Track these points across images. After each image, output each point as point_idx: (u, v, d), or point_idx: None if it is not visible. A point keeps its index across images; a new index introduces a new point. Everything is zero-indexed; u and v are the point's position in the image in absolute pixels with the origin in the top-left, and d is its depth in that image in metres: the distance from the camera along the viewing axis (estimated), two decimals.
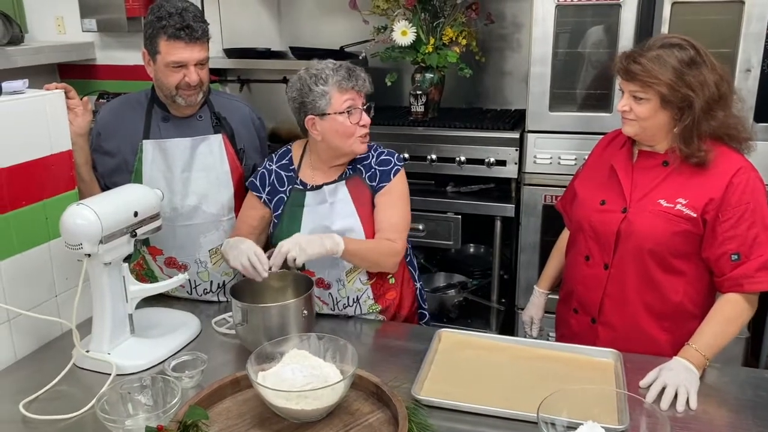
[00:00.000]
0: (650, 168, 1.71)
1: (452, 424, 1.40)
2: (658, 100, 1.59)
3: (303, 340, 1.50)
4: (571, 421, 1.27)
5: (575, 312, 1.86)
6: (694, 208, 1.62)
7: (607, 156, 1.82)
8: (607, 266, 1.75)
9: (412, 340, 1.80)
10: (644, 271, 1.69)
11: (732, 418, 1.44)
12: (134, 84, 3.72)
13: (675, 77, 1.56)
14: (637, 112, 1.62)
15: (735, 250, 1.60)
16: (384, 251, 1.83)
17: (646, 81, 1.57)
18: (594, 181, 1.82)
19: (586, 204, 1.80)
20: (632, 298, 1.73)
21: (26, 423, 1.43)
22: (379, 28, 2.94)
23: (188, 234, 1.98)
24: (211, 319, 1.86)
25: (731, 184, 1.60)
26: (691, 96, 1.56)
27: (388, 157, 1.90)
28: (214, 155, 1.98)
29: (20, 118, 1.65)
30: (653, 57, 1.57)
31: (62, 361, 1.62)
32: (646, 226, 1.66)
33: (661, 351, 1.69)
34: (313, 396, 1.33)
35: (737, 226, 1.59)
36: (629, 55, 1.62)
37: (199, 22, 1.85)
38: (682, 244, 1.65)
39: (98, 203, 1.56)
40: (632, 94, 1.62)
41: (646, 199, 1.68)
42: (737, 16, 2.26)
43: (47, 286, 1.75)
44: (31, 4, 3.85)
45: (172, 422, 1.30)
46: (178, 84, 1.87)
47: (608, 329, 1.78)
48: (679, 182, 1.66)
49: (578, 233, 1.83)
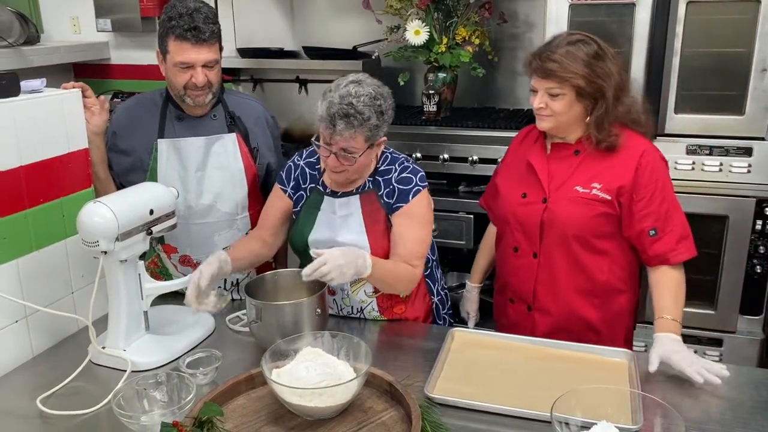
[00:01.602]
0: (564, 158, 1.80)
1: (465, 423, 1.40)
2: (573, 94, 1.69)
3: (317, 338, 1.51)
4: (585, 420, 1.27)
5: (511, 302, 1.94)
6: (608, 190, 1.73)
7: (523, 151, 1.90)
8: (536, 255, 1.83)
9: (424, 339, 1.80)
10: (570, 255, 1.79)
11: (747, 419, 1.42)
12: (148, 83, 3.75)
13: (588, 70, 1.67)
14: (554, 108, 1.71)
15: (651, 226, 1.72)
16: (402, 277, 1.79)
17: (564, 76, 1.67)
18: (513, 176, 1.90)
19: (509, 198, 1.88)
20: (563, 283, 1.82)
21: (43, 418, 1.44)
22: (392, 28, 2.95)
23: (202, 232, 1.99)
24: (225, 316, 1.87)
25: (640, 166, 1.72)
26: (603, 86, 1.68)
27: (409, 176, 1.81)
28: (228, 154, 1.99)
29: (38, 116, 1.67)
30: (564, 53, 1.67)
31: (78, 357, 1.64)
32: (566, 213, 1.76)
33: (594, 328, 1.82)
34: (327, 393, 1.33)
35: (650, 204, 1.72)
36: (540, 54, 1.71)
37: (209, 24, 1.86)
38: (602, 225, 1.75)
39: (115, 201, 1.58)
40: (548, 91, 1.71)
41: (563, 188, 1.78)
42: (753, 15, 2.25)
43: (63, 283, 1.77)
44: (47, 4, 3.89)
45: (188, 418, 1.31)
46: (185, 84, 1.89)
47: (544, 315, 1.86)
48: (591, 168, 1.76)
49: (505, 227, 1.91)
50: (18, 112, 1.61)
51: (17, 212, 1.63)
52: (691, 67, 2.34)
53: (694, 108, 2.39)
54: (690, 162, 2.43)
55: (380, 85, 1.75)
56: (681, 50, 2.34)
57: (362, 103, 1.66)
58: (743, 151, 2.36)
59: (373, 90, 1.70)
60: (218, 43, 1.91)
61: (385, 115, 1.72)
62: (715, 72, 2.34)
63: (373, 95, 1.69)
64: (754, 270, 2.45)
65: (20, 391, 1.54)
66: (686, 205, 2.39)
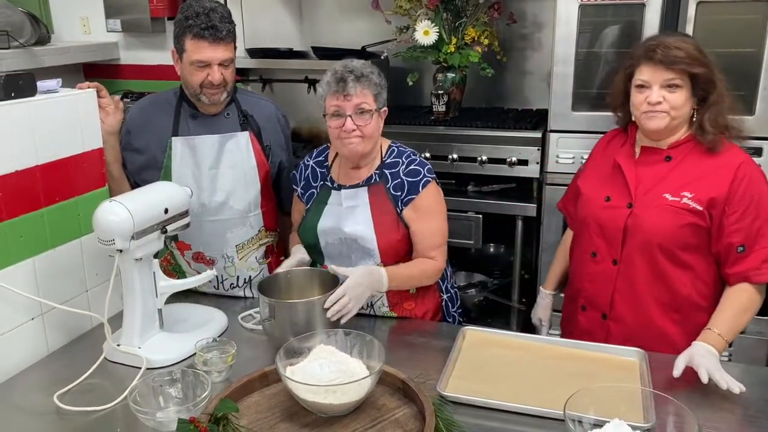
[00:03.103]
0: (653, 163, 1.75)
1: (478, 421, 1.41)
2: (689, 86, 1.66)
3: (330, 336, 1.52)
4: (598, 418, 1.28)
5: (583, 309, 1.88)
6: (699, 201, 1.67)
7: (610, 153, 1.85)
8: (616, 262, 1.77)
9: (436, 338, 1.81)
10: (653, 264, 1.73)
11: (758, 417, 1.43)
12: (158, 84, 3.77)
13: (702, 57, 1.66)
14: (672, 102, 1.66)
15: (741, 242, 1.65)
16: (428, 273, 1.88)
17: (691, 63, 1.64)
18: (597, 178, 1.85)
19: (591, 201, 1.83)
20: (642, 292, 1.76)
21: (60, 414, 1.46)
22: (402, 28, 2.96)
23: (215, 229, 2.01)
24: (238, 315, 1.89)
25: (736, 178, 1.65)
26: (714, 74, 1.66)
27: (417, 168, 1.87)
28: (241, 152, 2.01)
29: (54, 116, 1.69)
30: (683, 43, 1.66)
31: (93, 354, 1.65)
32: (653, 220, 1.70)
33: (673, 343, 1.72)
34: (341, 391, 1.35)
35: (742, 219, 1.64)
36: (664, 46, 1.66)
37: (225, 23, 1.90)
38: (689, 237, 1.69)
39: (130, 200, 1.59)
40: (667, 82, 1.66)
41: (651, 194, 1.72)
42: (763, 15, 2.24)
43: (79, 280, 1.79)
44: (57, 4, 3.91)
45: (203, 414, 1.33)
46: (201, 82, 1.91)
47: (619, 324, 1.81)
48: (683, 176, 1.70)
49: (583, 230, 1.86)
50: (34, 112, 1.63)
51: (33, 211, 1.65)
52: None
53: None
54: None
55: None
56: None
57: (361, 66, 1.81)
58: (753, 151, 2.36)
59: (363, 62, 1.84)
60: (233, 42, 1.94)
61: (383, 81, 1.84)
62: (725, 72, 2.31)
63: (367, 64, 1.83)
64: None
65: (37, 388, 1.56)
66: None
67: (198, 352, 1.58)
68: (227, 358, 1.58)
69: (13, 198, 1.59)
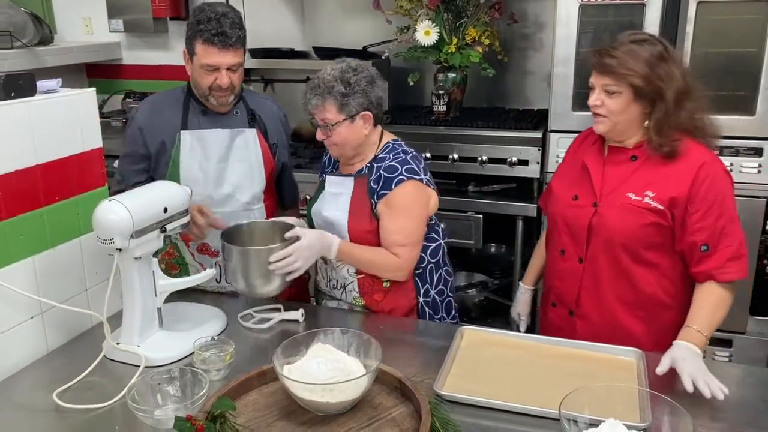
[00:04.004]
0: (620, 163, 1.76)
1: (474, 420, 1.41)
2: (630, 93, 1.65)
3: (328, 334, 1.52)
4: (593, 418, 1.27)
5: (553, 306, 1.91)
6: (661, 200, 1.68)
7: (581, 153, 1.88)
8: (582, 260, 1.80)
9: (434, 337, 1.81)
10: (616, 263, 1.74)
11: (756, 418, 1.43)
12: (160, 84, 3.78)
13: (648, 69, 1.63)
14: (610, 107, 1.68)
15: (704, 241, 1.66)
16: (383, 265, 1.89)
17: (621, 73, 1.63)
18: (567, 177, 1.88)
19: (560, 199, 1.86)
20: (607, 290, 1.78)
21: (59, 411, 1.47)
22: (402, 28, 2.96)
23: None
24: (238, 314, 1.89)
25: (697, 178, 1.66)
26: (662, 88, 1.63)
27: (396, 165, 1.88)
28: (249, 148, 2.09)
29: (54, 116, 1.70)
30: (627, 51, 1.65)
31: (93, 352, 1.66)
32: (615, 219, 1.72)
33: (638, 341, 1.73)
34: (338, 389, 1.35)
35: (705, 217, 1.65)
36: (603, 50, 1.68)
37: (236, 29, 1.95)
38: (652, 236, 1.71)
39: (129, 199, 1.60)
40: (604, 88, 1.68)
41: (615, 193, 1.74)
42: (764, 15, 2.25)
43: (78, 279, 1.80)
44: (60, 5, 3.93)
45: (201, 412, 1.33)
46: (210, 85, 1.97)
47: (586, 321, 1.83)
48: (647, 176, 1.71)
49: (554, 228, 1.89)
50: (34, 111, 1.64)
51: (33, 210, 1.65)
52: (702, 67, 2.34)
53: None
54: None
55: (362, 64, 1.87)
56: (691, 50, 2.34)
57: (330, 76, 1.81)
58: (754, 151, 2.36)
59: (347, 66, 1.84)
60: (243, 47, 2.00)
61: (355, 86, 1.81)
62: (725, 72, 2.34)
63: (345, 69, 1.82)
64: (764, 270, 2.45)
65: (37, 386, 1.57)
66: None
67: (196, 351, 1.59)
68: (225, 357, 1.58)
69: (13, 197, 1.60)
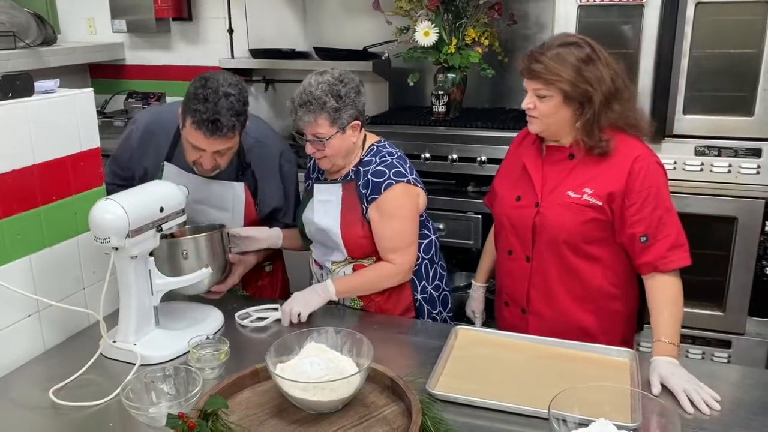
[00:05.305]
0: (558, 162, 1.79)
1: (466, 419, 1.42)
2: (560, 96, 1.67)
3: (321, 333, 1.53)
4: (583, 418, 1.28)
5: (506, 305, 1.94)
6: (599, 196, 1.71)
7: (520, 153, 1.89)
8: (529, 259, 1.82)
9: (428, 337, 1.82)
10: (562, 260, 1.78)
11: (750, 419, 1.42)
12: (162, 84, 3.81)
13: (574, 74, 1.64)
14: (541, 110, 1.70)
15: (643, 232, 1.69)
16: (381, 278, 1.91)
17: (548, 79, 1.65)
18: (509, 178, 1.90)
19: (504, 201, 1.88)
20: (555, 287, 1.81)
21: (56, 409, 1.48)
22: (402, 29, 2.97)
23: None
24: (234, 313, 1.90)
25: (632, 171, 1.68)
26: (590, 91, 1.65)
27: (383, 169, 1.87)
28: (231, 200, 2.02)
29: (51, 116, 1.71)
30: (553, 56, 1.66)
31: (89, 351, 1.67)
32: (556, 218, 1.75)
33: (591, 334, 1.78)
34: (330, 387, 1.36)
35: (642, 209, 1.68)
36: (531, 55, 1.70)
37: (232, 116, 1.75)
38: (593, 231, 1.74)
39: (126, 199, 1.61)
40: (535, 92, 1.69)
41: (555, 192, 1.77)
42: (762, 16, 2.24)
43: (75, 278, 1.81)
44: (64, 5, 3.96)
45: (193, 410, 1.34)
46: (194, 160, 1.86)
47: (538, 318, 1.85)
48: (584, 173, 1.74)
49: (500, 229, 1.91)
50: (32, 111, 1.65)
51: (30, 209, 1.67)
52: (700, 68, 2.34)
53: (703, 109, 2.38)
54: (699, 163, 2.43)
55: (345, 74, 1.84)
56: (690, 51, 2.33)
57: (320, 90, 1.78)
58: (752, 152, 2.36)
59: (332, 78, 1.81)
60: (237, 134, 1.81)
61: (345, 99, 1.80)
62: (724, 73, 2.33)
63: (332, 82, 1.80)
64: (763, 271, 2.44)
65: (33, 383, 1.58)
66: (695, 207, 2.42)
67: (191, 349, 1.60)
68: (220, 355, 1.59)
69: (10, 197, 1.61)
